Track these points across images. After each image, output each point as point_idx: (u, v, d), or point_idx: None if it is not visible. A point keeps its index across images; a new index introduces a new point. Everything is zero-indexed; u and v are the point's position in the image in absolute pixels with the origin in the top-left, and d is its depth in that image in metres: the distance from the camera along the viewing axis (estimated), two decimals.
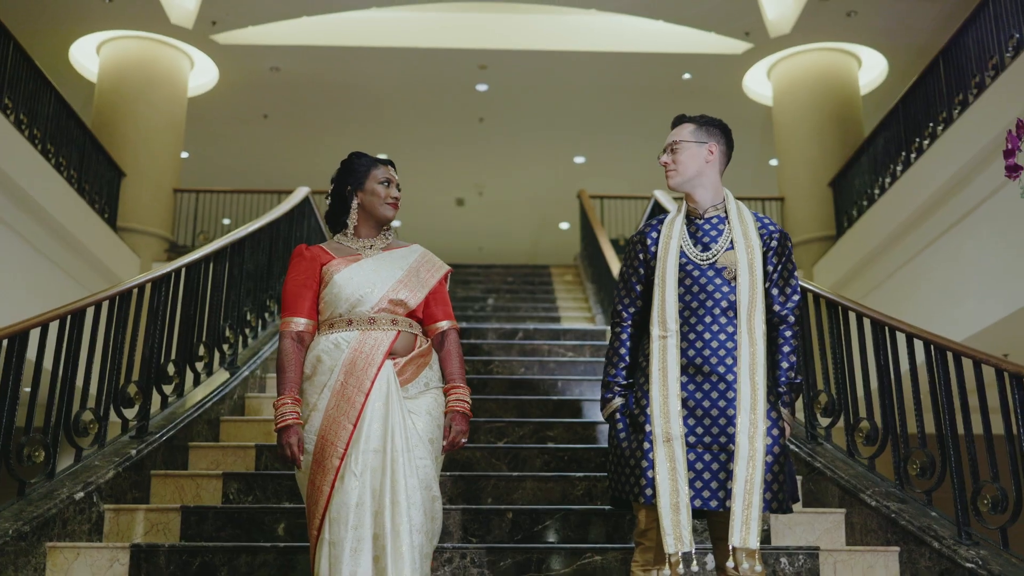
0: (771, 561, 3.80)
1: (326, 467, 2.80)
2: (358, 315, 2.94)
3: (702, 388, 2.82)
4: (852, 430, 4.43)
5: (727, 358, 2.83)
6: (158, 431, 4.52)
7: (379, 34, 13.00)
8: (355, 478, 2.77)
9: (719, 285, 2.89)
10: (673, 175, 3.04)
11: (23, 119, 8.99)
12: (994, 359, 3.67)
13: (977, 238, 8.20)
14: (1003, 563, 3.51)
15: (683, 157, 3.03)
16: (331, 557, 2.72)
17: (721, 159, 3.07)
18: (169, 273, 4.78)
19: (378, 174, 3.09)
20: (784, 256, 2.99)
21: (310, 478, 2.84)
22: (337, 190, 3.13)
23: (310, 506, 2.84)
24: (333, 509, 2.76)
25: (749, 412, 2.76)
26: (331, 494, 2.77)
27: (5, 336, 3.76)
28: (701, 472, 2.77)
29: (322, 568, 2.74)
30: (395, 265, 3.04)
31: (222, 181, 15.47)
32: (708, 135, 3.05)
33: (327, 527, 2.76)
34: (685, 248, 2.97)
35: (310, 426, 2.86)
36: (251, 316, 6.00)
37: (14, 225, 8.75)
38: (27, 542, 3.59)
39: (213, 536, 3.98)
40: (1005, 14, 7.90)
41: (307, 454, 2.85)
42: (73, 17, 11.89)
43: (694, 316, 2.88)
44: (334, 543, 2.73)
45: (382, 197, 3.07)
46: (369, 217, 3.10)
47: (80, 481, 3.96)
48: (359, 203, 3.09)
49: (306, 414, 2.88)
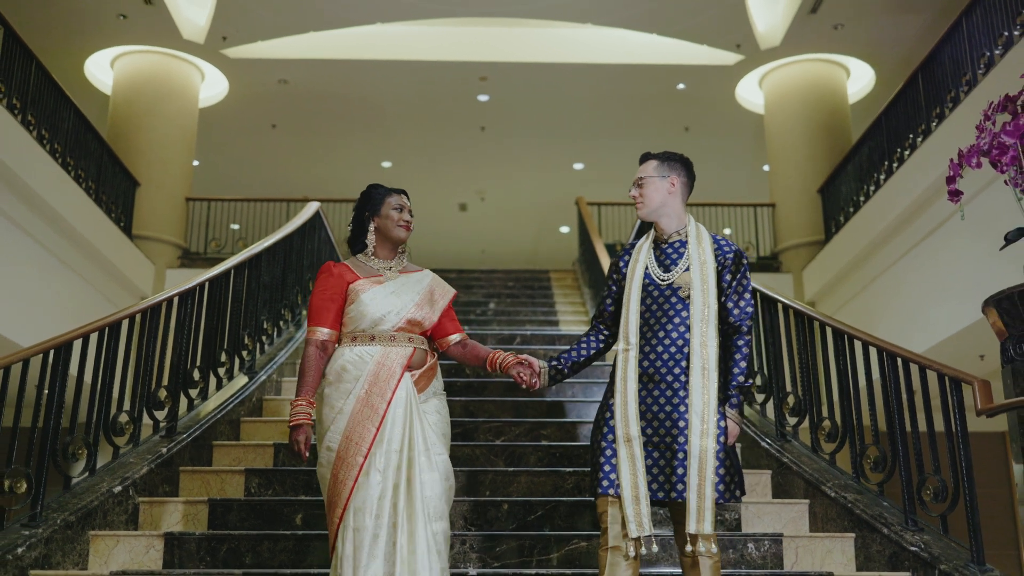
0: (739, 547, 4.23)
1: (350, 463, 3.17)
2: (380, 332, 3.34)
3: (652, 394, 3.26)
4: (816, 428, 4.86)
5: (675, 368, 3.25)
6: (185, 431, 4.94)
7: (384, 47, 13.42)
8: (378, 473, 3.17)
9: (674, 303, 3.32)
10: (641, 207, 3.47)
11: (44, 134, 9.41)
12: (936, 364, 4.10)
13: (953, 245, 8.60)
14: (943, 546, 3.93)
15: (648, 191, 3.45)
16: (355, 541, 3.11)
17: (683, 189, 3.49)
18: (194, 287, 5.22)
19: (392, 201, 3.51)
20: (739, 272, 3.38)
21: (333, 472, 3.20)
22: (357, 216, 3.54)
23: (331, 497, 3.20)
24: (357, 500, 3.14)
25: (701, 414, 3.18)
26: (354, 487, 3.15)
27: (51, 347, 4.17)
28: (651, 467, 3.21)
29: (345, 550, 3.12)
30: (412, 289, 3.45)
31: (231, 189, 15.91)
32: (670, 169, 3.47)
33: (351, 515, 3.14)
34: (650, 270, 3.41)
35: (336, 427, 3.23)
36: (267, 324, 6.42)
37: (37, 235, 9.18)
38: (73, 531, 4.02)
39: (238, 525, 4.40)
40: (978, 33, 8.32)
41: (331, 451, 3.22)
42: (89, 33, 12.34)
43: (650, 331, 3.32)
44: (358, 529, 3.12)
45: (395, 221, 3.48)
46: (385, 239, 3.51)
47: (118, 476, 4.38)
48: (375, 227, 3.50)
49: (332, 416, 3.25)
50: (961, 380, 3.95)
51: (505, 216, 18.26)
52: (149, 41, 12.59)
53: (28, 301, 8.93)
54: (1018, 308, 3.66)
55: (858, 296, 10.82)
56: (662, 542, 4.17)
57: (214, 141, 15.26)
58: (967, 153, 3.97)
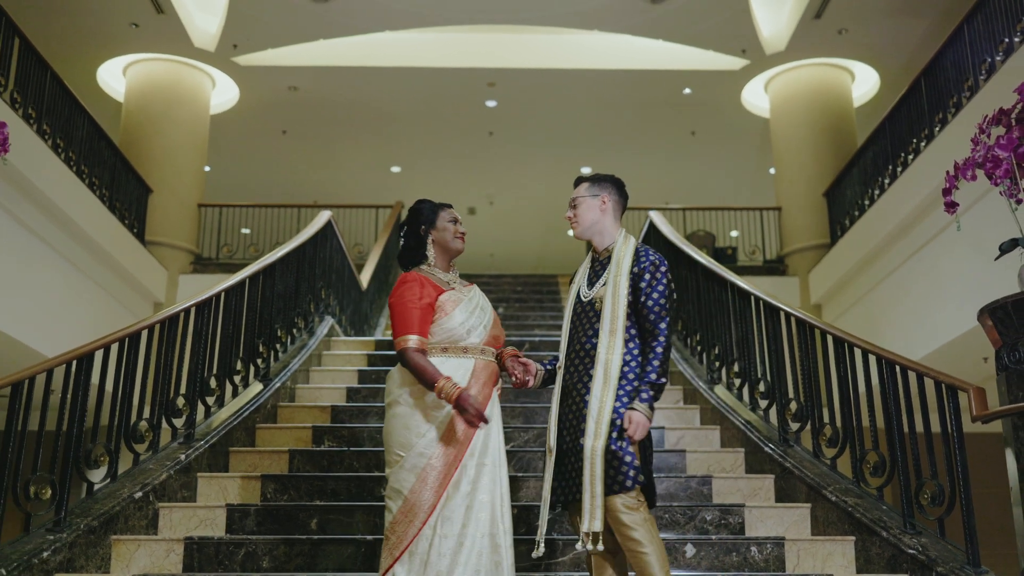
0: (742, 550, 4.34)
1: (441, 472, 3.28)
2: (471, 345, 3.47)
3: (568, 405, 3.46)
4: (817, 434, 4.97)
5: (584, 376, 3.42)
6: (203, 438, 5.08)
7: (392, 55, 13.57)
8: (469, 484, 3.31)
9: (591, 317, 3.48)
10: (575, 226, 3.63)
11: (59, 142, 9.57)
12: (933, 372, 4.20)
13: (956, 249, 8.69)
14: (940, 549, 4.04)
15: (581, 210, 3.60)
16: (439, 549, 3.22)
17: (614, 207, 3.61)
18: (210, 298, 5.35)
19: (446, 215, 3.64)
20: (654, 279, 3.43)
21: (420, 478, 3.28)
22: (411, 231, 3.64)
23: (413, 502, 3.25)
24: (447, 509, 3.26)
25: (596, 417, 3.33)
26: (444, 496, 3.26)
27: (74, 357, 4.32)
28: (569, 472, 3.40)
29: (430, 557, 3.21)
30: (487, 306, 3.60)
31: (242, 194, 16.07)
32: (600, 188, 3.61)
33: (439, 523, 3.24)
34: (580, 288, 3.60)
35: (430, 435, 3.32)
36: (281, 333, 6.55)
37: (54, 243, 9.33)
38: (96, 535, 4.16)
39: (255, 530, 4.53)
40: (979, 39, 8.41)
41: (423, 457, 3.30)
42: (101, 41, 12.53)
43: (572, 346, 3.51)
44: (445, 536, 3.24)
45: (453, 233, 3.62)
46: (443, 252, 3.63)
47: (138, 482, 4.52)
48: (433, 240, 3.62)
49: (426, 425, 3.34)
50: (957, 388, 4.04)
51: (513, 220, 18.39)
52: (161, 49, 12.77)
53: (46, 308, 9.08)
54: (1012, 317, 3.76)
55: (864, 299, 10.91)
56: (666, 544, 4.29)
57: (225, 147, 15.44)
58: (962, 166, 4.08)
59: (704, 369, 6.51)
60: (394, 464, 3.35)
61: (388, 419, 3.45)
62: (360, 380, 6.70)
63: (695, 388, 6.29)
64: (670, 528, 4.57)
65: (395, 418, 3.40)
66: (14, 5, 9.46)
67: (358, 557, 4.25)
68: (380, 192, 16.03)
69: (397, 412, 3.40)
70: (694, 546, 4.32)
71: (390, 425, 3.42)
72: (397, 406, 3.41)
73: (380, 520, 4.54)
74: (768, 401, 5.50)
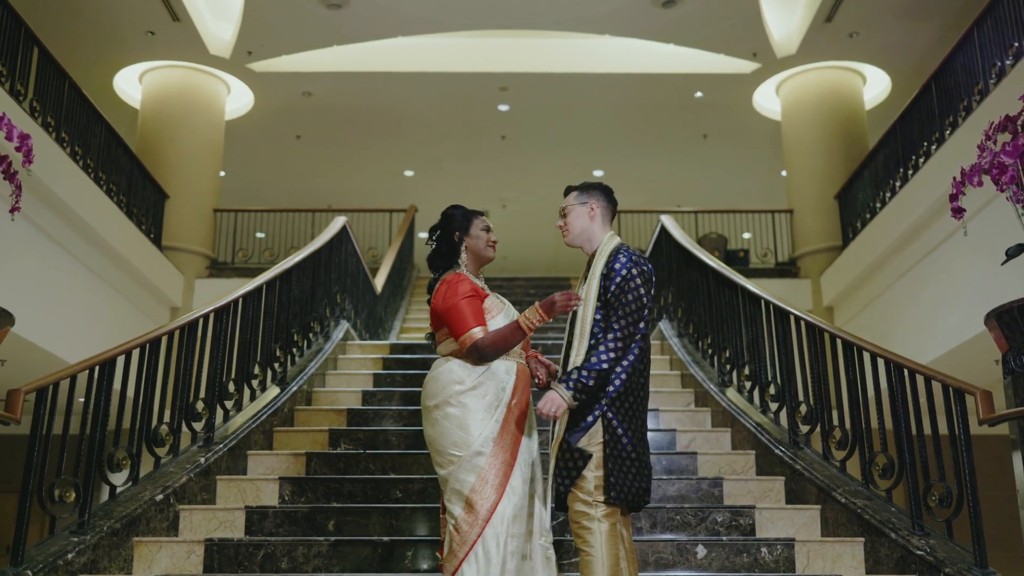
0: (752, 551, 4.41)
1: (501, 471, 3.37)
2: (512, 349, 3.56)
3: None
4: (827, 436, 5.03)
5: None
6: (221, 441, 5.18)
7: (405, 60, 13.66)
8: (522, 484, 3.40)
9: (573, 319, 3.56)
10: (566, 235, 3.69)
11: (78, 150, 9.70)
12: (940, 376, 4.26)
13: (967, 251, 8.71)
14: (948, 550, 4.09)
15: (571, 218, 3.67)
16: (507, 548, 3.29)
17: (603, 213, 3.67)
18: (228, 303, 5.46)
19: (479, 222, 3.72)
20: (620, 285, 3.46)
21: (480, 476, 3.35)
22: (444, 236, 3.71)
23: (475, 500, 3.31)
24: (509, 506, 3.33)
25: (559, 422, 3.43)
26: (504, 494, 3.34)
27: (97, 363, 4.41)
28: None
29: (500, 556, 3.27)
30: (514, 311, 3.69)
31: (257, 199, 16.19)
32: (588, 196, 3.67)
33: (502, 523, 3.30)
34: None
35: (487, 432, 3.40)
36: (298, 337, 6.65)
37: (73, 250, 9.45)
38: (118, 537, 4.26)
39: (273, 532, 4.63)
40: (989, 44, 8.45)
41: (481, 455, 3.37)
42: (118, 49, 12.67)
43: (564, 349, 3.59)
44: (514, 536, 3.32)
45: (486, 241, 3.71)
46: (476, 258, 3.71)
47: (159, 485, 4.62)
48: (466, 246, 3.70)
49: (482, 421, 3.41)
50: (964, 391, 4.10)
51: (526, 223, 18.45)
52: (177, 56, 12.89)
53: (65, 314, 9.21)
54: (1017, 322, 3.82)
55: (876, 301, 10.94)
56: (677, 545, 4.37)
57: (240, 153, 15.55)
58: (969, 172, 4.13)
59: (715, 372, 6.57)
60: (449, 465, 3.39)
61: (437, 421, 3.46)
62: (375, 383, 6.79)
63: (706, 391, 6.35)
64: (681, 529, 4.64)
65: (448, 419, 3.43)
66: (32, 15, 9.59)
67: (375, 558, 4.33)
68: (393, 196, 16.12)
69: (449, 413, 3.43)
70: (705, 547, 4.39)
71: (441, 426, 3.44)
72: (448, 407, 3.44)
73: (396, 521, 4.64)
74: (778, 404, 5.56)
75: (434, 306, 3.60)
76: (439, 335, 3.65)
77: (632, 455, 3.39)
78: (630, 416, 3.41)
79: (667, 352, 7.60)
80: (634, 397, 3.44)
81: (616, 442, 3.36)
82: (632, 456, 3.39)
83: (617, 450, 3.36)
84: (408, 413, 6.07)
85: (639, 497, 3.42)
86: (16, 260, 8.14)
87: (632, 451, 3.39)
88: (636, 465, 3.39)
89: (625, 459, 3.37)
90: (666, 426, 6.07)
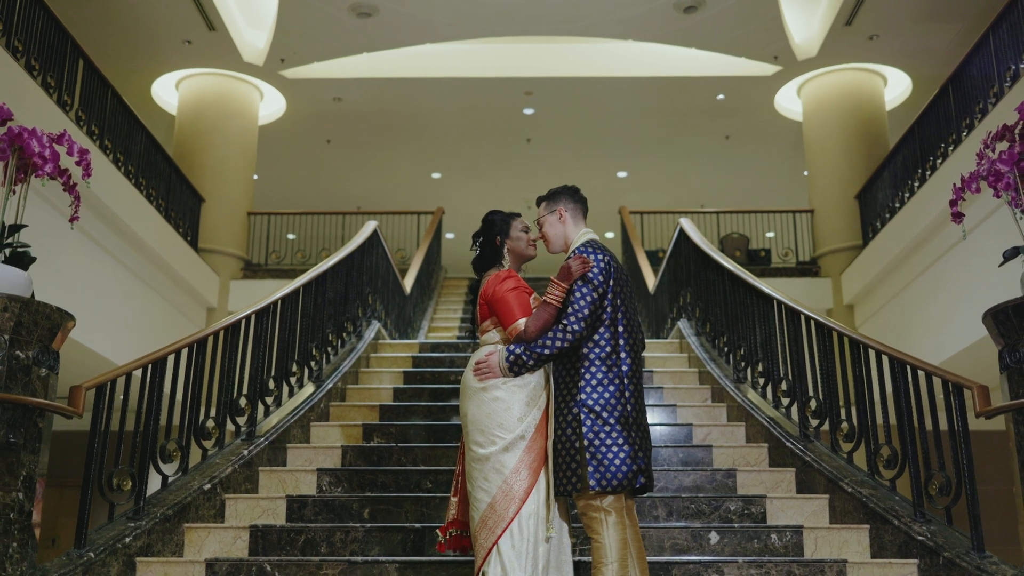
0: (763, 537, 4.66)
1: (538, 457, 3.60)
2: None
3: None
4: (835, 430, 5.28)
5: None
6: (263, 435, 5.50)
7: (433, 66, 13.97)
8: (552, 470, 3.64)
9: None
10: (548, 246, 3.88)
11: (120, 157, 10.08)
12: (940, 371, 4.49)
13: (982, 251, 8.88)
14: (948, 536, 4.32)
15: (546, 228, 3.86)
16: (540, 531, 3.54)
17: (572, 215, 3.83)
18: (268, 306, 5.78)
19: (517, 224, 3.94)
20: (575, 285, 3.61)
21: (521, 459, 3.56)
22: (487, 241, 3.93)
23: (512, 481, 3.51)
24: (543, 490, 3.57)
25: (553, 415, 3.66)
26: (538, 478, 3.57)
27: (149, 362, 4.74)
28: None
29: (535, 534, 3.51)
30: None
31: (289, 202, 16.56)
32: (555, 203, 3.85)
33: (541, 501, 3.55)
34: None
35: (530, 419, 3.61)
36: (332, 337, 6.97)
37: (118, 254, 9.84)
38: (170, 523, 4.58)
39: (312, 519, 4.94)
40: (1004, 48, 8.62)
41: (523, 440, 3.57)
42: (156, 58, 13.11)
43: None
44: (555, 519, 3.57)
45: (527, 241, 3.92)
46: (517, 259, 3.93)
47: (207, 476, 4.94)
48: (508, 248, 3.92)
49: (525, 408, 3.61)
50: (963, 385, 4.33)
51: None
52: (212, 64, 13.30)
53: (110, 316, 9.59)
54: (1012, 320, 4.06)
55: (895, 299, 11.11)
56: (692, 532, 4.63)
57: (272, 157, 15.94)
58: (967, 179, 4.37)
59: (731, 369, 6.81)
60: (491, 445, 3.58)
61: (484, 402, 3.62)
62: (406, 381, 7.11)
63: (722, 387, 6.60)
64: (696, 517, 4.91)
65: (496, 401, 3.63)
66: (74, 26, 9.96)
67: (407, 543, 4.63)
68: (421, 198, 16.45)
69: (498, 396, 3.63)
70: (718, 533, 4.65)
71: (488, 408, 3.63)
72: (496, 390, 3.64)
73: (426, 509, 4.93)
74: (790, 399, 5.80)
75: (483, 296, 3.81)
76: (484, 325, 3.84)
77: (607, 442, 3.48)
78: (608, 409, 3.52)
79: (685, 350, 7.85)
80: (608, 392, 3.54)
81: (584, 436, 3.50)
82: (607, 443, 3.48)
83: (588, 440, 3.49)
84: (437, 409, 6.38)
85: (630, 480, 3.48)
86: (68, 265, 8.51)
87: (606, 438, 3.48)
88: (623, 451, 3.48)
89: (600, 447, 3.48)
90: (683, 421, 6.34)
